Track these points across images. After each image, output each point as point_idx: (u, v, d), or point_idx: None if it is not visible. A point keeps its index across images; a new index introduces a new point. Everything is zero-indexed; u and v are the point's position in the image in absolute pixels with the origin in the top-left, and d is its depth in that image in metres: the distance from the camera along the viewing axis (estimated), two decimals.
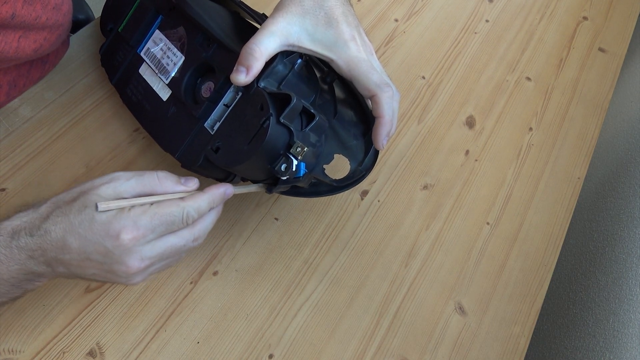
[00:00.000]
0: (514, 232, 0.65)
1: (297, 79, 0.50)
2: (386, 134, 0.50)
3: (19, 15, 0.48)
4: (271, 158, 0.46)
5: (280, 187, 0.49)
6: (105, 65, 0.61)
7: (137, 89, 0.57)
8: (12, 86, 0.56)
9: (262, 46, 0.46)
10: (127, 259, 0.40)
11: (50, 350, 0.49)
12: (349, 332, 0.55)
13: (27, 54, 0.53)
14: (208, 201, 0.43)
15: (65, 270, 0.41)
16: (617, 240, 0.71)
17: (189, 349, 0.51)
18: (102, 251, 0.39)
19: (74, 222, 0.39)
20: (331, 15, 0.48)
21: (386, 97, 0.49)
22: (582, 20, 0.87)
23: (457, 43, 0.79)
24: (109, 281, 0.43)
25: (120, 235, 0.39)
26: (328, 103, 0.53)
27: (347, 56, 0.49)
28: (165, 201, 0.42)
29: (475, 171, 0.68)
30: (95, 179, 0.42)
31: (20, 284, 0.41)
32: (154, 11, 0.57)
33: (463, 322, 0.58)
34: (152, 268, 0.42)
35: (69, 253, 0.40)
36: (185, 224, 0.42)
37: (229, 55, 0.50)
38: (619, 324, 0.62)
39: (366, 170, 0.53)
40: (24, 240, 0.39)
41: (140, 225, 0.40)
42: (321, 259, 0.58)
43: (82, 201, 0.40)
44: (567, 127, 0.75)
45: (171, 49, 0.54)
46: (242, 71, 0.46)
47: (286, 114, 0.45)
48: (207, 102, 0.51)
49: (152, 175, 0.42)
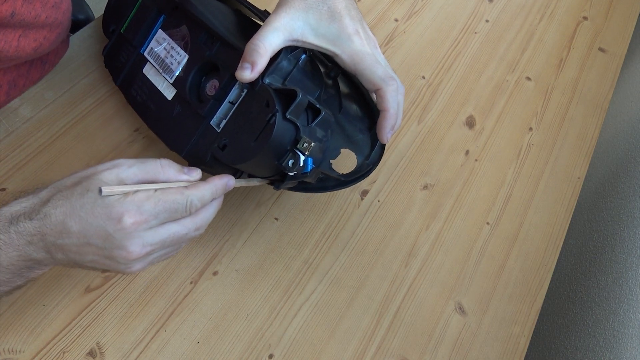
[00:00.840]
0: (514, 232, 0.65)
1: (301, 74, 0.50)
2: (391, 127, 0.50)
3: (19, 13, 0.48)
4: (278, 154, 0.46)
5: (288, 183, 0.49)
6: (109, 67, 0.61)
7: (141, 89, 0.57)
8: (12, 86, 0.56)
9: (266, 42, 0.46)
10: (128, 244, 0.39)
11: (50, 350, 0.49)
12: (349, 332, 0.55)
13: (27, 53, 0.52)
14: (211, 191, 0.43)
15: (64, 256, 0.41)
16: (617, 240, 0.71)
17: (189, 349, 0.51)
18: (103, 235, 0.39)
19: (75, 206, 0.39)
20: (334, 10, 0.48)
21: (391, 91, 0.49)
22: (582, 20, 0.87)
23: (457, 43, 0.79)
24: (107, 269, 0.42)
25: (123, 218, 0.39)
26: (333, 98, 0.53)
27: (351, 50, 0.49)
28: (170, 189, 0.41)
29: (475, 171, 0.68)
30: (97, 165, 0.41)
31: (20, 272, 0.41)
32: (156, 11, 0.57)
33: (463, 322, 0.58)
34: (152, 256, 0.42)
35: (69, 237, 0.39)
36: (189, 212, 0.42)
37: (233, 53, 0.50)
38: (619, 324, 0.62)
39: (373, 164, 0.54)
40: (23, 225, 0.39)
41: (143, 210, 0.39)
42: (321, 259, 0.58)
43: (84, 185, 0.39)
44: (567, 127, 0.75)
45: (175, 48, 0.54)
46: (247, 68, 0.46)
47: (292, 109, 0.45)
48: (212, 100, 0.51)
49: (155, 163, 0.42)
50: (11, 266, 0.40)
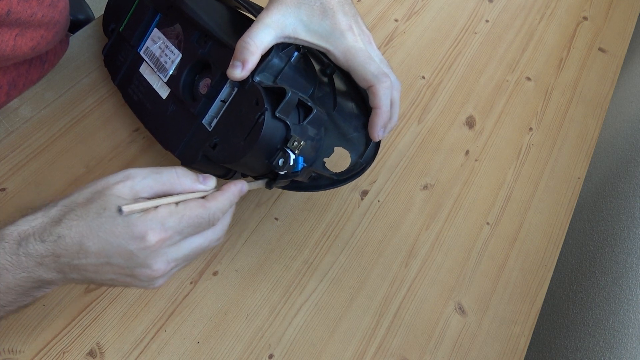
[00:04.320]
0: (514, 232, 0.65)
1: (293, 71, 0.49)
2: (382, 125, 0.50)
3: (15, 11, 0.48)
4: (268, 153, 0.46)
5: (280, 182, 0.49)
6: (108, 66, 0.61)
7: (138, 88, 0.57)
8: (12, 86, 0.56)
9: (257, 39, 0.45)
10: (152, 262, 0.38)
11: (50, 350, 0.49)
12: (349, 332, 0.55)
13: (24, 52, 0.52)
14: (229, 200, 0.42)
15: (79, 276, 0.39)
16: (617, 240, 0.71)
17: (189, 349, 0.51)
18: (125, 254, 0.38)
19: (92, 225, 0.37)
20: (327, 5, 0.48)
21: (383, 88, 0.48)
22: (582, 20, 0.87)
23: (457, 43, 0.79)
24: (127, 286, 0.41)
25: (147, 237, 0.37)
26: (327, 95, 0.53)
27: (343, 46, 0.48)
28: (190, 202, 0.40)
29: (475, 171, 0.68)
30: (108, 177, 0.40)
31: (28, 292, 0.40)
32: (152, 10, 0.57)
33: (463, 322, 0.58)
34: (174, 270, 0.41)
35: (86, 258, 0.38)
36: (212, 225, 0.41)
37: (225, 51, 0.49)
38: (619, 324, 0.62)
39: (367, 163, 0.53)
40: (33, 246, 0.37)
41: (167, 227, 0.38)
42: (321, 259, 0.58)
43: (100, 203, 0.38)
44: (567, 127, 0.75)
45: (169, 47, 0.54)
46: (238, 66, 0.46)
47: (281, 108, 0.45)
48: (204, 98, 0.51)
49: (170, 173, 0.40)
50: (18, 287, 0.39)
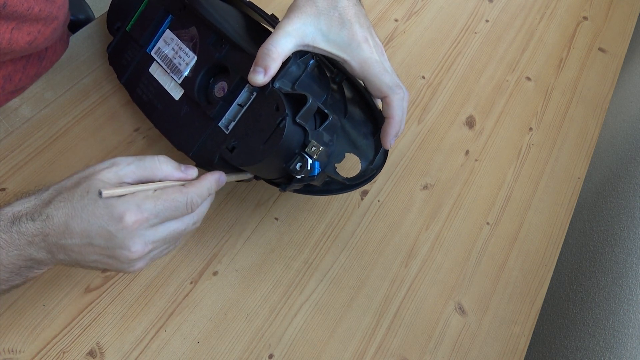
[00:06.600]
0: (514, 232, 0.65)
1: (309, 79, 0.51)
2: (395, 134, 0.52)
3: (11, 4, 0.48)
4: (287, 157, 0.47)
5: (294, 185, 0.50)
6: (113, 64, 0.61)
7: (147, 88, 0.57)
8: (7, 80, 0.56)
9: (279, 47, 0.47)
10: (130, 243, 0.40)
11: (50, 350, 0.49)
12: (349, 332, 0.55)
13: (21, 46, 0.52)
14: (207, 188, 0.45)
15: (66, 257, 0.41)
16: (617, 240, 0.71)
17: (189, 349, 0.51)
18: (105, 235, 0.40)
19: (76, 207, 0.40)
20: (345, 16, 0.49)
21: (397, 99, 0.50)
22: (582, 20, 0.87)
23: (457, 43, 0.79)
24: (109, 268, 0.43)
25: (124, 217, 0.39)
26: (338, 102, 0.54)
27: (360, 57, 0.50)
28: (169, 187, 0.42)
29: (475, 171, 0.68)
30: (96, 165, 0.42)
31: (20, 271, 0.42)
32: (163, 11, 0.57)
33: (463, 322, 0.58)
34: (153, 253, 0.43)
35: (71, 238, 0.40)
36: (190, 210, 0.43)
37: (242, 56, 0.50)
38: (619, 324, 0.62)
39: (377, 169, 0.54)
40: (25, 225, 0.40)
41: (144, 209, 0.40)
42: (321, 259, 0.58)
43: (84, 186, 0.40)
44: (567, 127, 0.75)
45: (183, 49, 0.54)
46: (260, 72, 0.47)
47: (302, 114, 0.46)
48: (221, 102, 0.51)
49: (152, 160, 0.43)
50: (11, 265, 0.41)
